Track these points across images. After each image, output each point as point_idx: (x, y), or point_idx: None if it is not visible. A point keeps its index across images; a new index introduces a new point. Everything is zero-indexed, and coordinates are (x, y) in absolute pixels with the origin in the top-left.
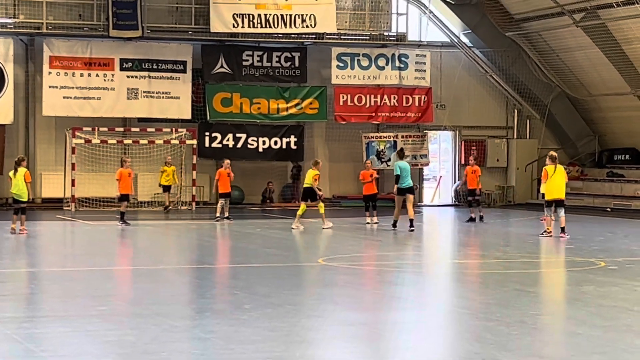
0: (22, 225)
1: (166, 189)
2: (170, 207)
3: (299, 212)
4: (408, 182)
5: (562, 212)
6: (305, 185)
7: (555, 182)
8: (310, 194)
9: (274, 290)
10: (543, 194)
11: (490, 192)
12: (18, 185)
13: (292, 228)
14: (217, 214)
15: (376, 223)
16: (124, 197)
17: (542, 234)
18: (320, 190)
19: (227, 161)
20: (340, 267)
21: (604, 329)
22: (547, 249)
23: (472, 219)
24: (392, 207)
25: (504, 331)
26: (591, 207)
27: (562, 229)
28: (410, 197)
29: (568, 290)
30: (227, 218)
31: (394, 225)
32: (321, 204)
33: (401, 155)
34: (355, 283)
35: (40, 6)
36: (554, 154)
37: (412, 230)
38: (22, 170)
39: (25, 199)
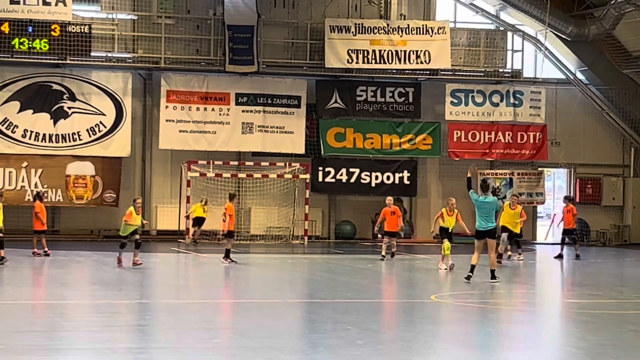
0: (135, 257)
1: (200, 221)
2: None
3: (446, 252)
4: (488, 224)
5: None
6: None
7: None
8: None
9: (386, 326)
10: None
11: (605, 231)
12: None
13: (439, 268)
14: (383, 253)
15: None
16: (231, 234)
17: None
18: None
19: (390, 198)
20: (453, 305)
21: None
22: None
23: (560, 256)
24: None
25: None
26: None
27: None
28: (492, 242)
29: None
30: (382, 257)
31: (470, 274)
32: (448, 244)
33: (485, 188)
34: (468, 321)
35: (158, 41)
36: None
37: (495, 282)
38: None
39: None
